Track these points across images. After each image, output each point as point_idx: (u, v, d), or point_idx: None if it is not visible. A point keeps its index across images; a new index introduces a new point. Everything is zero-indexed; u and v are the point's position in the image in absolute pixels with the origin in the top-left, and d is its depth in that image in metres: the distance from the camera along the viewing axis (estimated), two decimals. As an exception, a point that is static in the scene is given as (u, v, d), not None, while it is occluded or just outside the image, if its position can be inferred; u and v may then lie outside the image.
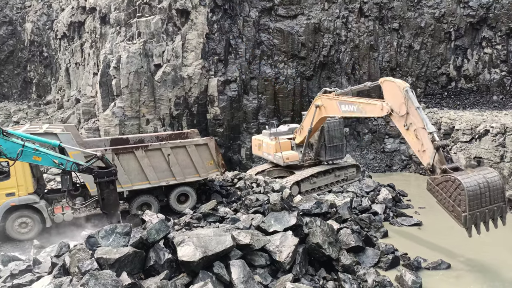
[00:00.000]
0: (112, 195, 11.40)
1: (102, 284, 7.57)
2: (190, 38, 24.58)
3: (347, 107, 15.24)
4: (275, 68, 27.06)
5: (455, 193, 10.34)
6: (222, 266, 9.37)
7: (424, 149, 11.76)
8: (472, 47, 28.93)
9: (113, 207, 11.48)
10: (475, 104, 27.19)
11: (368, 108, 14.22)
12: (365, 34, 28.10)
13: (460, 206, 10.21)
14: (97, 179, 11.11)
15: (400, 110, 12.59)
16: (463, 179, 10.29)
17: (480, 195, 10.27)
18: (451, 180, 10.47)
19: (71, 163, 10.90)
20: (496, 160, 20.03)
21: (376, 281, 10.94)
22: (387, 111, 13.15)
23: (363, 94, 28.38)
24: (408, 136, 12.43)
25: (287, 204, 12.82)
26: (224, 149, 24.62)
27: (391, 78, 13.52)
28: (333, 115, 17.02)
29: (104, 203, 11.35)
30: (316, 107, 16.95)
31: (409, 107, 12.24)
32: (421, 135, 11.88)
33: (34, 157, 10.54)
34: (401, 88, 12.60)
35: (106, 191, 11.26)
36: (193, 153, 15.00)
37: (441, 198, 10.83)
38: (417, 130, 12.01)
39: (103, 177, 11.12)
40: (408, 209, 17.89)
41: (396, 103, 12.78)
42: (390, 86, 13.13)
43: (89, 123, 26.79)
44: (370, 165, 26.29)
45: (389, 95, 13.15)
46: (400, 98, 12.56)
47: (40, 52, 35.30)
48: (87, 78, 29.30)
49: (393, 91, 12.98)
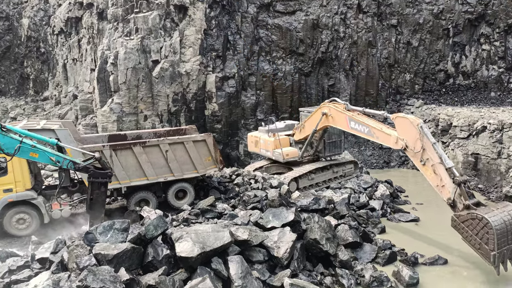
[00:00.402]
0: (101, 197, 11.43)
1: (100, 280, 7.59)
2: (188, 34, 24.49)
3: (357, 126, 14.85)
4: (273, 64, 27.02)
5: (482, 231, 10.35)
6: (220, 261, 9.40)
7: (443, 184, 11.77)
8: (470, 43, 28.95)
9: (99, 209, 11.47)
10: (473, 101, 27.26)
11: (381, 135, 13.93)
12: (364, 30, 28.06)
13: (488, 245, 10.21)
14: (91, 178, 11.12)
15: (415, 146, 12.52)
16: (490, 218, 10.27)
17: (507, 232, 10.32)
18: (477, 218, 10.46)
19: (67, 161, 10.90)
20: (493, 157, 20.12)
21: (373, 277, 11.00)
22: (401, 146, 13.07)
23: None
24: (426, 171, 12.38)
25: (285, 200, 12.85)
26: (222, 145, 24.61)
27: (404, 114, 13.37)
28: (340, 128, 16.42)
29: (92, 203, 11.35)
30: (323, 114, 16.58)
31: (425, 143, 12.22)
32: (439, 171, 11.85)
33: (31, 153, 10.54)
34: (415, 124, 12.52)
35: (97, 192, 11.27)
36: (191, 149, 14.99)
37: (467, 235, 10.86)
38: (434, 166, 11.98)
39: (97, 177, 11.14)
40: (405, 205, 17.96)
41: (411, 139, 12.68)
42: (404, 123, 12.96)
43: (87, 119, 26.71)
44: (368, 162, 26.34)
45: (403, 131, 12.99)
46: (415, 134, 12.49)
47: (37, 47, 35.09)
48: (84, 74, 29.17)
49: (406, 128, 12.83)
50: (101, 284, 7.52)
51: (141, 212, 13.09)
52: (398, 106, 28.69)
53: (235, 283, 8.99)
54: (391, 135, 13.45)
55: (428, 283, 11.17)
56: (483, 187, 20.35)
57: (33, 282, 8.76)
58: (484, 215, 10.35)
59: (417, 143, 12.45)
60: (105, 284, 7.55)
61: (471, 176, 21.35)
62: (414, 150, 12.59)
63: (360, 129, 14.78)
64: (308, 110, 19.88)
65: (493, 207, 10.99)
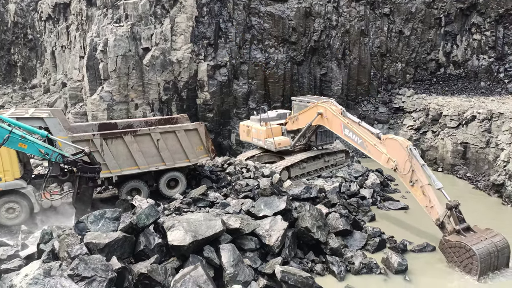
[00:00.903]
0: (88, 191, 11.42)
1: (92, 269, 7.59)
2: (179, 21, 24.13)
3: (350, 134, 14.98)
4: (266, 53, 26.83)
5: (467, 260, 10.86)
6: (212, 250, 9.47)
7: (432, 205, 12.12)
8: (462, 33, 29.05)
9: (85, 204, 11.45)
10: (463, 90, 27.48)
11: (373, 151, 14.10)
12: (356, 19, 27.94)
13: (471, 272, 10.79)
14: (79, 173, 11.07)
15: (404, 167, 12.79)
16: (477, 250, 10.69)
17: (490, 262, 10.87)
18: (465, 248, 10.90)
19: (56, 154, 10.80)
20: (482, 146, 20.40)
21: (363, 263, 11.19)
22: (391, 166, 13.34)
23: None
24: (415, 192, 12.72)
25: (276, 189, 12.92)
26: (214, 134, 24.53)
27: (393, 136, 13.64)
28: (333, 131, 16.62)
29: (78, 197, 11.33)
30: (318, 114, 16.63)
31: (414, 165, 12.52)
32: (428, 192, 12.21)
33: (20, 144, 10.42)
34: (404, 146, 12.83)
35: (84, 186, 11.25)
36: (182, 138, 14.91)
37: (452, 260, 11.37)
38: (423, 187, 12.34)
39: (86, 172, 11.12)
40: (395, 194, 18.21)
41: (401, 160, 12.96)
42: (393, 144, 13.26)
43: (76, 107, 26.35)
44: (359, 151, 26.48)
45: (393, 153, 13.26)
46: (404, 156, 12.77)
47: (24, 34, 34.30)
48: (73, 61, 28.66)
49: (396, 149, 13.10)
50: (92, 272, 7.52)
51: (132, 201, 13.07)
52: (390, 95, 28.81)
53: (227, 270, 9.07)
54: (382, 153, 13.64)
55: (417, 270, 11.42)
56: (471, 176, 20.68)
57: (24, 271, 8.72)
58: (472, 247, 10.76)
59: (406, 165, 12.72)
60: (96, 272, 7.55)
61: (460, 165, 21.68)
62: (403, 172, 12.85)
63: (353, 138, 14.92)
64: (300, 99, 19.88)
65: (481, 235, 11.31)
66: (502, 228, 13.39)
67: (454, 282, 10.84)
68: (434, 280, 10.96)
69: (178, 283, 7.93)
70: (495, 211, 16.50)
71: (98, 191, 15.86)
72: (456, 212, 11.72)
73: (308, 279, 9.42)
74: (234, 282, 8.93)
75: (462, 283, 10.77)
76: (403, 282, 10.86)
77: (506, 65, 27.73)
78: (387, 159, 13.44)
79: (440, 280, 11.00)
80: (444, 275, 11.22)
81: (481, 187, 19.32)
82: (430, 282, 10.86)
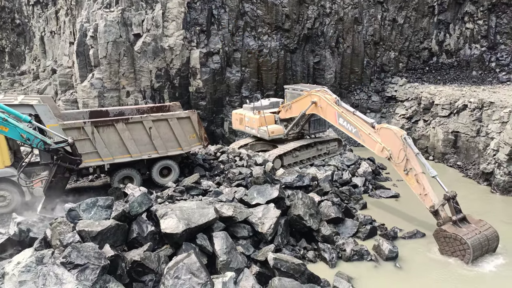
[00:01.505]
0: (62, 182, 11.29)
1: (85, 256, 7.58)
2: (171, 7, 23.73)
3: (345, 124, 14.98)
4: (259, 40, 26.59)
5: (461, 252, 11.30)
6: (205, 237, 9.52)
7: (426, 193, 12.32)
8: (455, 21, 29.06)
9: (56, 193, 11.33)
10: (455, 79, 27.62)
11: (367, 140, 14.12)
12: (350, 6, 27.76)
13: (463, 259, 11.26)
14: (59, 161, 10.91)
15: (399, 156, 12.90)
16: (472, 243, 11.07)
17: (481, 250, 11.40)
18: (461, 242, 11.22)
19: (38, 140, 10.61)
20: (472, 135, 20.63)
21: (354, 250, 11.36)
22: (386, 155, 13.40)
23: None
24: (409, 181, 12.88)
25: (269, 178, 12.98)
26: (206, 122, 24.43)
27: (387, 125, 13.67)
28: (327, 120, 16.61)
29: (51, 185, 11.18)
30: (312, 103, 16.60)
31: (408, 153, 12.65)
32: (422, 180, 12.41)
33: (1, 127, 10.24)
34: (398, 135, 12.90)
35: (59, 176, 11.12)
36: (175, 126, 14.82)
37: (444, 248, 11.69)
38: (417, 175, 12.50)
39: (66, 162, 10.99)
40: (386, 182, 18.40)
41: (395, 150, 13.04)
42: (388, 134, 13.29)
43: (67, 94, 25.98)
44: (351, 139, 26.63)
45: (387, 142, 13.31)
46: (398, 145, 12.86)
47: (12, 19, 33.53)
48: (63, 47, 28.13)
49: (390, 138, 13.16)
50: (85, 260, 7.52)
51: (125, 189, 13.02)
52: (382, 84, 28.87)
53: (220, 258, 9.14)
54: (377, 143, 13.69)
55: (407, 256, 11.64)
56: (461, 164, 20.96)
57: (16, 259, 8.67)
58: (467, 241, 11.08)
59: (400, 154, 12.85)
60: (89, 260, 7.55)
61: (451, 153, 21.93)
62: (397, 161, 12.98)
63: (348, 128, 14.92)
64: (293, 88, 19.82)
65: (475, 228, 11.64)
66: (490, 215, 13.70)
67: (443, 269, 11.08)
68: (424, 267, 11.19)
69: (172, 270, 7.97)
70: (484, 199, 16.79)
71: (90, 179, 15.77)
72: (453, 203, 11.94)
73: (300, 266, 9.55)
74: (227, 269, 9.01)
75: (451, 269, 11.01)
76: (394, 268, 11.08)
77: (497, 54, 27.88)
78: (381, 148, 13.53)
79: (429, 266, 11.24)
80: (433, 262, 11.46)
81: (471, 176, 19.61)
82: (419, 269, 11.09)
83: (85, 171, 14.26)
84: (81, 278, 7.34)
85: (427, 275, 10.74)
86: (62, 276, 7.29)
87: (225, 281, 8.16)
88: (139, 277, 8.44)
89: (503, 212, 15.21)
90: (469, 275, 10.71)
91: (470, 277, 10.66)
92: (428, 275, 10.74)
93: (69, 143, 11.00)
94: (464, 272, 10.84)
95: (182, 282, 7.78)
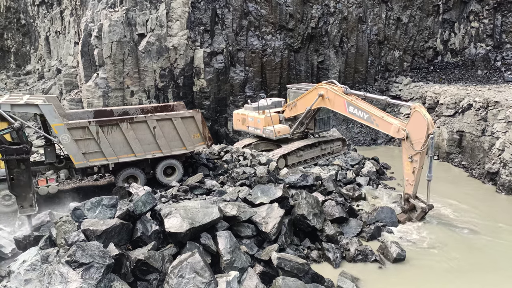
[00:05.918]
0: (23, 175, 10.17)
1: (90, 255, 7.62)
2: (175, 7, 23.78)
3: (356, 111, 14.73)
4: (263, 40, 26.58)
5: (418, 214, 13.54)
6: (209, 237, 9.53)
7: (412, 184, 13.35)
8: (460, 20, 28.89)
9: (24, 189, 10.33)
10: (460, 79, 27.47)
11: (381, 123, 13.93)
12: (354, 5, 27.67)
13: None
14: (4, 156, 9.86)
15: (415, 144, 12.89)
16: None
17: None
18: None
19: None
20: (477, 134, 20.50)
21: (358, 250, 11.32)
22: (403, 135, 13.19)
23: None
24: (407, 166, 13.35)
25: (273, 177, 12.97)
26: (210, 122, 24.47)
27: (425, 112, 12.92)
28: (338, 111, 16.29)
29: (13, 183, 10.16)
30: (319, 96, 16.43)
31: (424, 150, 12.82)
32: (417, 174, 13.16)
33: None
34: (428, 130, 12.55)
35: (16, 170, 10.06)
36: (179, 126, 14.86)
37: None
38: (416, 168, 13.06)
39: (12, 154, 9.83)
40: (391, 181, 18.33)
41: (416, 136, 12.88)
42: (420, 120, 12.81)
43: (72, 94, 26.13)
44: (356, 139, 26.59)
45: (414, 126, 13.00)
46: (422, 136, 12.67)
47: (17, 19, 33.73)
48: (68, 47, 28.29)
49: (419, 126, 12.80)
50: (90, 259, 7.56)
51: (129, 189, 13.08)
52: (387, 83, 28.76)
53: (224, 257, 9.15)
54: (392, 124, 13.53)
55: (413, 259, 11.48)
56: (466, 164, 20.84)
57: (22, 257, 8.76)
58: None
59: (418, 144, 12.82)
60: (94, 259, 7.59)
61: (456, 153, 21.81)
62: (411, 147, 13.03)
63: (359, 115, 14.70)
64: (296, 87, 19.79)
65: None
66: (496, 215, 13.59)
67: (448, 273, 11.01)
68: (430, 270, 11.11)
69: (176, 269, 7.99)
70: (489, 199, 16.68)
71: (95, 179, 15.86)
72: (423, 211, 13.39)
73: (304, 266, 9.53)
74: (231, 268, 9.01)
75: (457, 272, 10.93)
76: (399, 270, 10.96)
77: (503, 53, 27.69)
78: (397, 129, 13.29)
79: (435, 269, 11.16)
80: (438, 264, 11.39)
81: (476, 175, 19.49)
82: (425, 272, 11.00)
83: (89, 170, 14.34)
84: (86, 277, 7.38)
85: (434, 279, 10.58)
86: (67, 274, 7.33)
87: (229, 280, 8.17)
88: (144, 276, 8.47)
89: (508, 213, 15.08)
90: (478, 281, 10.51)
91: (479, 282, 10.47)
92: (435, 279, 10.59)
93: (15, 128, 9.93)
94: (474, 277, 10.72)
95: (186, 281, 7.80)
